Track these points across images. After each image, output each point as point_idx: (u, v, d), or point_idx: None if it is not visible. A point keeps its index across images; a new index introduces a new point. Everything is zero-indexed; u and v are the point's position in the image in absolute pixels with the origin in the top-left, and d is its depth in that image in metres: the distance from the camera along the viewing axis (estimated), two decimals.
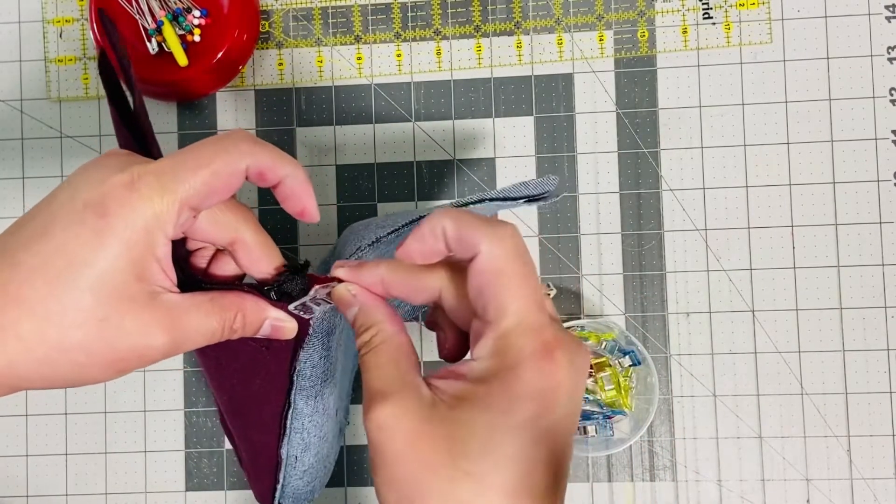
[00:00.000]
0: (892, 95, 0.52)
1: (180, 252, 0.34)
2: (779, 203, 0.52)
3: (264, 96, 0.54)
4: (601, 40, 0.53)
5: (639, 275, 0.52)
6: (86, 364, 0.30)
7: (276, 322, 0.34)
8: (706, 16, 0.53)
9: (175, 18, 0.51)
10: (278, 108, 0.54)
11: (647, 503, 0.51)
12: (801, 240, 0.52)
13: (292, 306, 0.34)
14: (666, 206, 0.53)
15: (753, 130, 0.52)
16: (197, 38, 0.51)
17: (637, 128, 0.53)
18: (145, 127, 0.35)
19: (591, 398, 0.50)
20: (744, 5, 0.53)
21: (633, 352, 0.50)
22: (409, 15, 0.54)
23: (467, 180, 0.53)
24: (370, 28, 0.54)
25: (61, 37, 0.55)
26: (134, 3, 0.51)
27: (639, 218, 0.52)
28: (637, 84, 0.53)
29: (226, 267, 0.35)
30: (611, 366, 0.50)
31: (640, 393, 0.50)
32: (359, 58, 0.54)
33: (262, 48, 0.54)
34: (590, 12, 0.53)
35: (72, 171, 0.54)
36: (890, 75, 0.52)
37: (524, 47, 0.53)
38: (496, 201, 0.38)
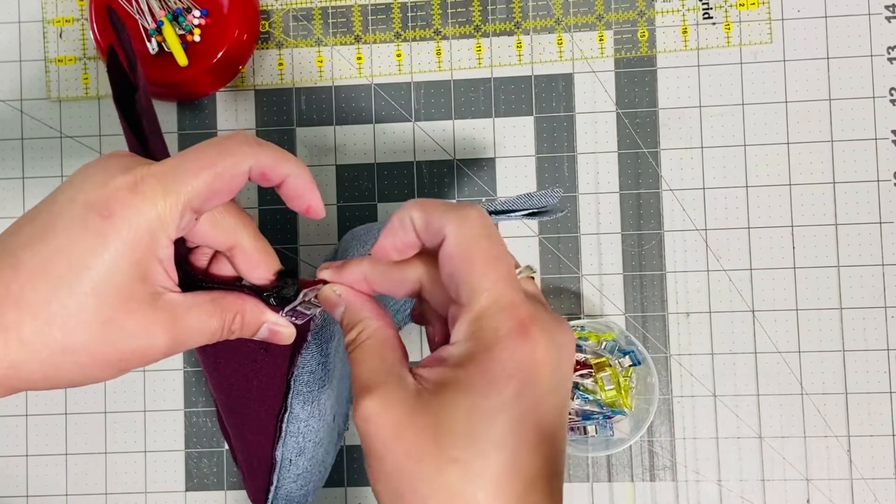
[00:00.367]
0: (892, 95, 0.52)
1: (180, 251, 0.35)
2: (779, 203, 0.52)
3: (264, 96, 0.54)
4: (601, 40, 0.53)
5: (639, 275, 0.52)
6: (88, 365, 0.30)
7: (274, 326, 0.34)
8: (706, 16, 0.53)
9: (175, 18, 0.51)
10: (278, 108, 0.54)
11: (647, 503, 0.51)
12: (801, 240, 0.52)
13: (283, 312, 0.34)
14: (666, 206, 0.53)
15: (753, 130, 0.52)
16: (197, 38, 0.51)
17: (637, 128, 0.53)
18: (150, 127, 0.34)
19: (591, 398, 0.50)
20: (744, 5, 0.53)
21: (633, 352, 0.50)
22: (409, 15, 0.54)
23: (467, 180, 0.53)
24: (370, 28, 0.54)
25: (61, 37, 0.55)
26: (134, 3, 0.51)
27: (639, 218, 0.52)
28: (637, 84, 0.53)
29: (225, 267, 0.36)
30: (611, 366, 0.50)
31: (640, 393, 0.50)
32: (359, 58, 0.54)
33: (262, 48, 0.54)
34: (590, 12, 0.53)
35: (72, 171, 0.54)
36: (890, 75, 0.52)
37: (524, 47, 0.53)
38: (497, 214, 0.38)
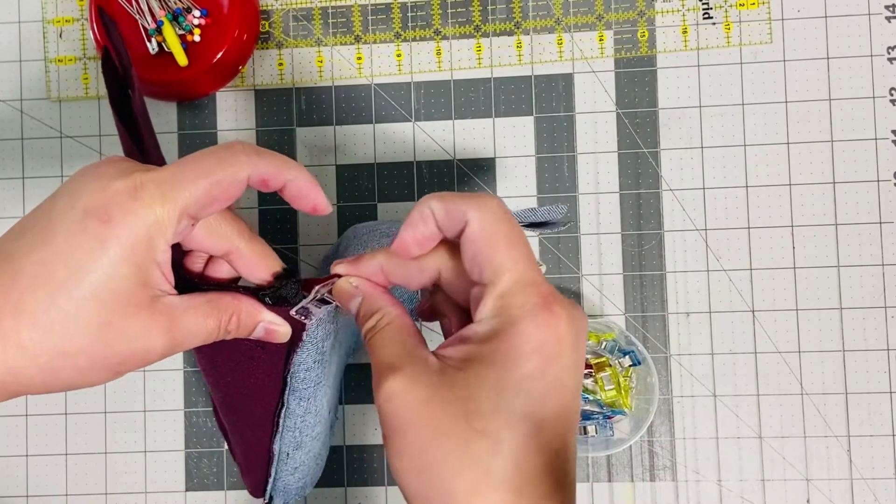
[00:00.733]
0: (892, 95, 0.52)
1: (176, 255, 0.35)
2: (779, 203, 0.52)
3: (264, 96, 0.54)
4: (601, 40, 0.53)
5: (639, 275, 0.52)
6: (87, 368, 0.30)
7: (270, 325, 0.35)
8: (706, 16, 0.53)
9: (175, 18, 0.51)
10: (278, 108, 0.54)
11: (647, 503, 0.51)
12: (801, 240, 0.52)
13: (294, 311, 0.34)
14: (666, 206, 0.52)
15: (753, 130, 0.52)
16: (197, 38, 0.51)
17: (637, 128, 0.53)
18: (144, 130, 0.35)
19: (591, 398, 0.50)
20: (744, 5, 0.53)
21: (633, 352, 0.50)
22: (409, 15, 0.54)
23: (467, 180, 0.53)
24: (370, 28, 0.54)
25: (61, 37, 0.55)
26: (134, 3, 0.51)
27: (639, 218, 0.52)
28: (637, 84, 0.53)
29: (221, 269, 0.36)
30: (611, 366, 0.50)
31: (640, 393, 0.50)
32: (359, 58, 0.54)
33: (262, 48, 0.54)
34: (590, 12, 0.53)
35: (72, 171, 0.54)
36: (890, 75, 0.52)
37: (524, 47, 0.53)
38: None
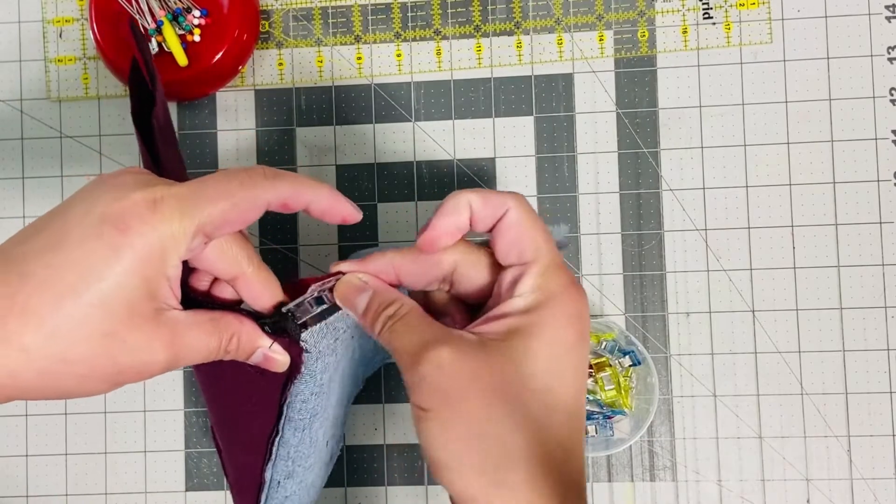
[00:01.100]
0: (892, 95, 0.52)
1: (183, 271, 0.35)
2: (779, 203, 0.52)
3: (264, 96, 0.54)
4: (601, 40, 0.53)
5: (639, 275, 0.52)
6: (86, 377, 0.30)
7: (269, 353, 0.35)
8: (706, 16, 0.53)
9: (175, 18, 0.51)
10: (278, 108, 0.54)
11: (647, 503, 0.51)
12: (801, 240, 0.52)
13: (287, 308, 0.34)
14: (666, 206, 0.53)
15: (753, 130, 0.52)
16: (197, 38, 0.51)
17: (637, 128, 0.53)
18: (165, 141, 0.35)
19: (591, 398, 0.50)
20: (744, 5, 0.53)
21: (633, 352, 0.50)
22: (409, 15, 0.54)
23: (467, 180, 0.53)
24: (370, 28, 0.54)
25: (61, 37, 0.55)
26: (134, 3, 0.51)
27: (639, 218, 0.52)
28: (637, 84, 0.53)
29: (225, 290, 0.36)
30: (611, 366, 0.50)
31: (640, 393, 0.50)
32: (359, 58, 0.54)
33: (262, 48, 0.54)
34: (590, 12, 0.53)
35: (72, 171, 0.54)
36: (890, 75, 0.52)
37: (524, 47, 0.53)
38: None
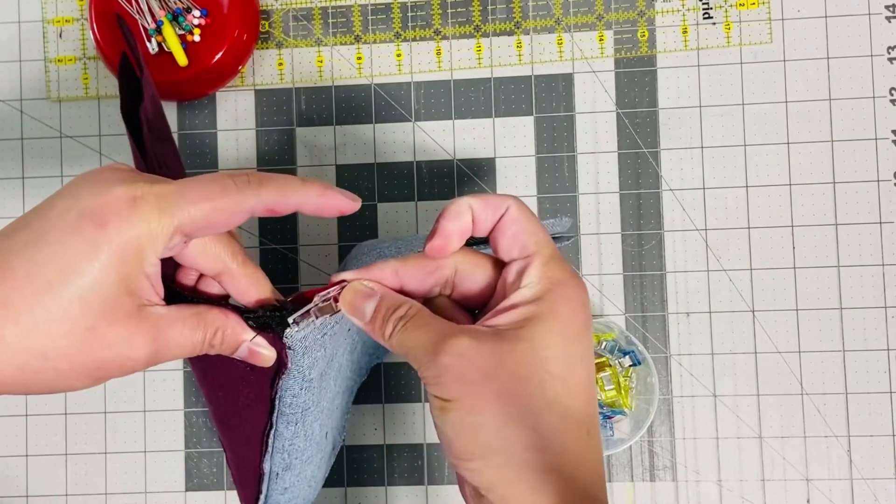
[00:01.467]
0: (892, 95, 0.52)
1: (168, 267, 0.35)
2: (779, 203, 0.52)
3: (264, 96, 0.54)
4: (601, 40, 0.53)
5: (639, 275, 0.52)
6: (66, 372, 0.30)
7: (254, 347, 0.35)
8: (706, 16, 0.53)
9: (175, 18, 0.51)
10: (278, 108, 0.54)
11: (647, 503, 0.51)
12: (801, 240, 0.52)
13: (292, 318, 0.34)
14: (666, 206, 0.52)
15: (753, 130, 0.52)
16: (197, 38, 0.51)
17: (637, 128, 0.53)
18: (156, 136, 0.35)
19: None
20: (744, 5, 0.53)
21: (633, 352, 0.50)
22: (409, 15, 0.54)
23: (467, 180, 0.53)
24: (370, 28, 0.54)
25: (61, 37, 0.55)
26: (134, 2, 0.51)
27: (639, 218, 0.52)
28: (637, 84, 0.53)
29: (212, 285, 0.36)
30: (611, 366, 0.50)
31: (640, 393, 0.50)
32: (359, 58, 0.54)
33: (262, 48, 0.54)
34: (590, 12, 0.53)
35: (72, 170, 0.54)
36: (890, 75, 0.52)
37: (524, 47, 0.53)
38: None
